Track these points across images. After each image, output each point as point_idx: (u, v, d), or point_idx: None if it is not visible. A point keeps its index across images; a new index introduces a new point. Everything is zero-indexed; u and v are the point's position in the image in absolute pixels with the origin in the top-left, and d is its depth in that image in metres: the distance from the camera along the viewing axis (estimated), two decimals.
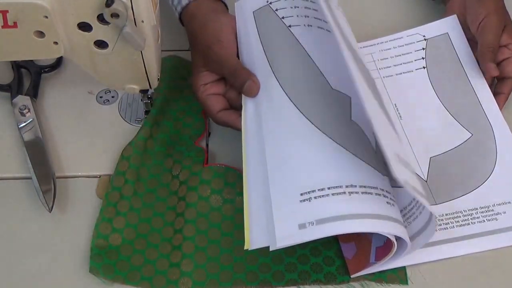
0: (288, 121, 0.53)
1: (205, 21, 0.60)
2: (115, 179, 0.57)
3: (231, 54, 0.58)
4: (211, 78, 0.59)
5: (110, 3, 0.46)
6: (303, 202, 0.47)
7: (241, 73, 0.56)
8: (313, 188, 0.48)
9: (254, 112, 0.55)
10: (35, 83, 0.66)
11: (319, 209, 0.47)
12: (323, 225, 0.46)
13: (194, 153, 0.60)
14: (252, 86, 0.55)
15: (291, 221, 0.47)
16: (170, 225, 0.55)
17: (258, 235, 0.48)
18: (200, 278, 0.52)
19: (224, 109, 0.58)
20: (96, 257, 0.52)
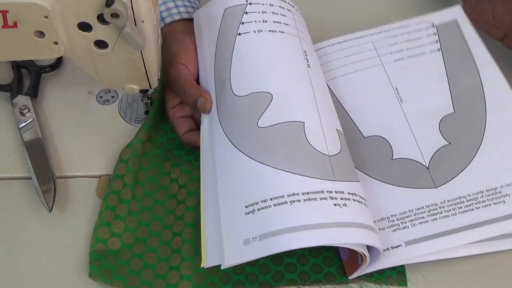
0: (235, 134, 0.52)
1: (170, 45, 0.60)
2: (113, 182, 0.57)
3: (184, 75, 0.58)
4: (177, 101, 0.59)
5: (110, 3, 0.46)
6: (248, 215, 0.47)
7: (191, 91, 0.56)
8: (256, 200, 0.47)
9: (208, 128, 0.55)
10: (35, 83, 0.66)
11: (261, 222, 0.46)
12: (267, 240, 0.45)
13: (194, 157, 0.60)
14: (204, 103, 0.55)
15: (237, 237, 0.46)
16: (169, 228, 0.55)
17: (212, 253, 0.48)
18: (200, 281, 0.52)
19: (191, 130, 0.59)
20: (95, 262, 0.52)
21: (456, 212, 0.52)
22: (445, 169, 0.55)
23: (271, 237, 0.45)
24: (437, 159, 0.56)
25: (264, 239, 0.45)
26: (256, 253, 0.45)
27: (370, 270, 0.51)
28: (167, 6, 0.62)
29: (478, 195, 0.53)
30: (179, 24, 0.62)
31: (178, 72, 0.58)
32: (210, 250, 0.48)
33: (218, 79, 0.56)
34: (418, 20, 0.68)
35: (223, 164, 0.51)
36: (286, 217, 0.45)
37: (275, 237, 0.45)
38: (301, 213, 0.46)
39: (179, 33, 0.61)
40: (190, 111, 0.60)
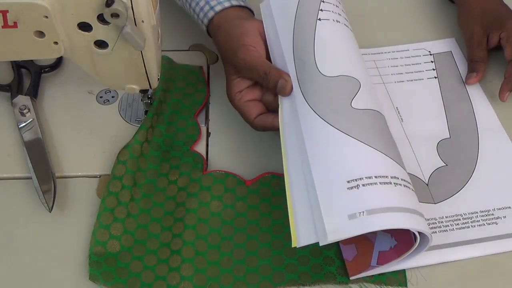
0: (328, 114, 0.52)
1: (229, 29, 0.60)
2: (111, 184, 0.57)
3: (258, 57, 0.57)
4: (245, 84, 0.59)
5: (110, 3, 0.46)
6: (350, 190, 0.46)
7: (271, 73, 0.56)
8: (360, 176, 0.47)
9: (290, 108, 0.54)
10: (35, 83, 0.66)
11: (368, 197, 0.45)
12: (374, 215, 0.44)
13: (192, 159, 0.60)
14: (285, 85, 0.54)
15: (340, 211, 0.45)
16: (168, 230, 0.55)
17: (305, 231, 0.46)
18: (200, 282, 0.52)
19: (261, 114, 0.58)
20: (94, 264, 0.52)
21: (453, 228, 0.55)
22: (443, 188, 0.58)
23: (379, 213, 0.45)
24: (435, 178, 0.59)
25: (372, 215, 0.44)
26: (362, 228, 0.44)
27: (373, 273, 0.51)
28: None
29: (473, 214, 0.56)
30: (230, 11, 0.62)
31: (251, 55, 0.57)
32: (302, 228, 0.47)
33: (299, 60, 0.56)
34: (416, 46, 0.72)
35: (315, 142, 0.50)
36: (392, 196, 0.46)
37: (382, 213, 0.45)
38: (403, 195, 0.47)
39: (234, 18, 0.61)
40: (259, 94, 0.59)
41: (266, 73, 0.56)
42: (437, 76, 0.69)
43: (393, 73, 0.69)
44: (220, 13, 0.62)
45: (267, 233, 0.55)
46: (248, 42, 0.58)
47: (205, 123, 0.65)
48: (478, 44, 0.68)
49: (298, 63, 0.56)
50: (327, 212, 0.46)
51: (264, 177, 0.59)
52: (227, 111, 0.65)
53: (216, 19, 0.62)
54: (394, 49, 0.72)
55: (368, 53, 0.72)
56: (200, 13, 0.63)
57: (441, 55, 0.71)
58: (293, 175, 0.50)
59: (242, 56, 0.57)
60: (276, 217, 0.56)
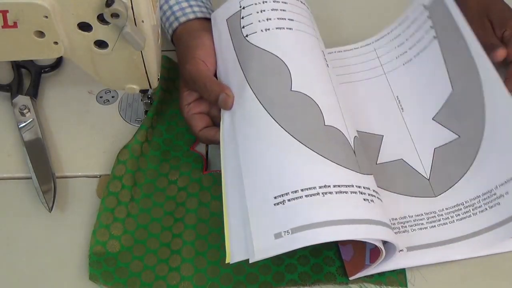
0: (260, 127, 0.52)
1: (186, 41, 0.60)
2: (111, 184, 0.57)
3: (203, 70, 0.57)
4: (193, 97, 0.59)
5: (110, 3, 0.46)
6: (277, 206, 0.46)
7: (213, 87, 0.56)
8: (286, 191, 0.46)
9: (229, 122, 0.55)
10: (35, 83, 0.66)
11: (293, 214, 0.45)
12: (299, 233, 0.44)
13: (192, 159, 0.60)
14: (226, 99, 0.55)
15: (267, 230, 0.45)
16: (168, 230, 0.55)
17: (237, 248, 0.47)
18: (200, 282, 0.52)
19: (207, 127, 0.58)
20: (94, 264, 0.52)
21: (453, 219, 0.53)
22: (444, 178, 0.56)
23: (304, 230, 0.44)
24: (437, 167, 0.57)
25: (297, 233, 0.44)
26: (287, 246, 0.44)
27: (373, 272, 0.51)
28: (181, 6, 0.62)
29: (474, 200, 0.54)
30: (194, 22, 0.62)
31: (197, 68, 0.57)
32: (235, 245, 0.47)
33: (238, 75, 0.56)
34: (412, 8, 0.66)
35: (248, 157, 0.51)
36: (319, 210, 0.45)
37: (308, 230, 0.44)
38: (333, 206, 0.46)
39: (195, 30, 0.61)
40: (206, 108, 0.59)
41: (206, 86, 0.56)
42: (436, 36, 0.63)
43: (398, 55, 0.66)
44: (184, 24, 0.62)
45: None
46: (198, 55, 0.58)
47: None
48: (491, 34, 0.66)
49: (238, 81, 0.56)
50: (255, 230, 0.46)
51: None
52: None
53: (179, 30, 0.62)
54: (396, 25, 0.68)
55: (370, 42, 0.69)
56: (167, 23, 0.63)
57: (437, 4, 0.63)
58: (230, 190, 0.51)
59: (189, 68, 0.57)
60: None
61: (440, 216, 0.54)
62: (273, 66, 0.55)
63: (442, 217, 0.54)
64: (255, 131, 0.51)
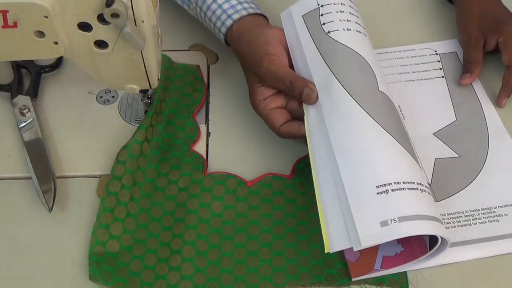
0: (353, 119, 0.52)
1: (250, 38, 0.60)
2: (111, 184, 0.57)
3: (282, 66, 0.57)
4: (270, 92, 0.58)
5: (110, 3, 0.46)
6: (380, 195, 0.47)
7: (297, 83, 0.56)
8: (389, 181, 0.47)
9: (316, 116, 0.54)
10: (35, 83, 0.66)
11: (398, 204, 0.46)
12: (405, 223, 0.45)
13: (192, 159, 0.60)
14: (310, 94, 0.55)
15: (372, 218, 0.46)
16: (168, 230, 0.55)
17: (338, 237, 0.47)
18: (200, 282, 0.52)
19: (286, 121, 0.58)
20: (94, 264, 0.52)
21: (455, 225, 0.55)
22: (445, 186, 0.58)
23: (410, 220, 0.45)
24: (438, 175, 0.59)
25: (403, 222, 0.45)
26: (393, 234, 0.45)
27: (377, 275, 0.51)
28: (231, 3, 0.62)
29: (474, 212, 0.56)
30: (249, 19, 0.62)
31: (275, 64, 0.57)
32: (335, 235, 0.47)
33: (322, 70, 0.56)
34: (423, 46, 0.73)
35: (342, 149, 0.51)
36: (421, 203, 0.47)
37: (413, 221, 0.45)
38: (427, 202, 0.48)
39: (253, 27, 0.61)
40: (283, 102, 0.59)
41: (291, 83, 0.56)
42: (444, 76, 0.69)
43: (400, 72, 0.69)
44: (238, 21, 0.62)
45: (268, 234, 0.55)
46: (271, 52, 0.58)
47: (205, 123, 0.65)
48: (474, 46, 0.68)
49: (321, 74, 0.56)
50: (359, 219, 0.46)
51: (265, 177, 0.59)
52: (227, 111, 0.66)
53: (235, 27, 0.62)
54: (401, 49, 0.73)
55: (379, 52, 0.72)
56: (217, 22, 0.63)
57: (447, 55, 0.72)
58: (323, 182, 0.51)
59: (267, 65, 0.57)
60: (277, 218, 0.56)
61: (442, 220, 0.54)
62: (360, 64, 0.56)
63: (444, 221, 0.55)
64: (348, 124, 0.52)
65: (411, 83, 0.69)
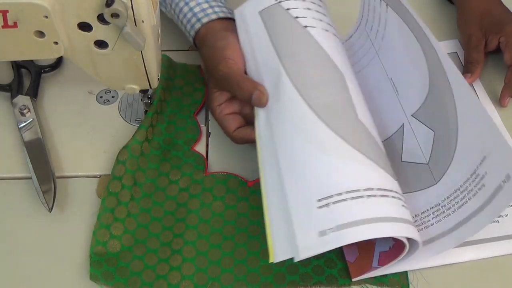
0: (300, 123, 0.51)
1: (213, 42, 0.60)
2: (111, 184, 0.56)
3: (235, 69, 0.57)
4: (224, 98, 0.59)
5: (110, 3, 0.46)
6: (321, 209, 0.46)
7: (246, 85, 0.55)
8: (330, 194, 0.46)
9: (265, 120, 0.54)
10: (35, 83, 0.66)
11: (338, 214, 0.45)
12: (343, 231, 0.44)
13: (193, 159, 0.60)
14: (260, 96, 0.54)
15: (311, 229, 0.45)
16: (169, 230, 0.55)
17: (281, 247, 0.47)
18: (201, 281, 0.52)
19: (240, 126, 0.58)
20: (95, 264, 0.52)
21: (455, 208, 0.53)
22: (439, 161, 0.56)
23: (348, 227, 0.45)
24: (434, 152, 0.57)
25: (341, 230, 0.45)
26: (332, 244, 0.45)
27: (376, 275, 0.51)
28: (202, 7, 0.62)
29: (466, 184, 0.53)
30: (217, 23, 0.62)
31: (229, 67, 0.57)
32: (278, 244, 0.47)
33: (274, 71, 0.55)
34: None
35: (288, 156, 0.50)
36: (363, 209, 0.46)
37: (352, 228, 0.45)
38: (377, 206, 0.46)
39: (219, 30, 0.61)
40: (238, 108, 0.59)
41: (240, 85, 0.56)
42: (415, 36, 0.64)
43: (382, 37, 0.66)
44: (207, 25, 0.62)
45: None
46: (228, 56, 0.58)
47: (205, 123, 0.65)
48: (475, 46, 0.68)
49: (272, 76, 0.55)
50: (299, 229, 0.46)
51: None
52: None
53: (202, 31, 0.62)
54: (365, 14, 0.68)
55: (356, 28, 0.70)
56: (187, 25, 0.63)
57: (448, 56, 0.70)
58: (271, 190, 0.50)
59: (222, 69, 0.57)
60: None
61: (444, 207, 0.53)
62: (324, 62, 0.55)
63: (445, 207, 0.53)
64: (295, 128, 0.51)
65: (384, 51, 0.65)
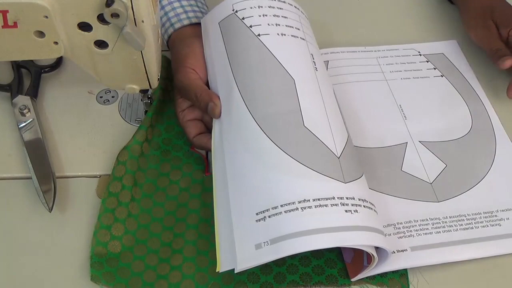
0: (244, 134, 0.52)
1: (179, 48, 0.60)
2: (111, 185, 0.57)
3: (193, 79, 0.58)
4: (186, 104, 0.59)
5: (110, 3, 0.46)
6: (258, 222, 0.47)
7: (202, 96, 0.56)
8: (267, 207, 0.47)
9: (219, 130, 0.55)
10: (35, 83, 0.66)
11: (272, 228, 0.46)
12: (278, 244, 0.45)
13: (193, 160, 0.60)
14: (214, 108, 0.55)
15: (248, 242, 0.46)
16: (170, 230, 0.55)
17: (226, 257, 0.48)
18: (202, 281, 0.52)
19: (201, 133, 0.59)
20: (96, 265, 0.52)
21: (457, 228, 0.54)
22: (447, 188, 0.58)
23: (282, 241, 0.45)
24: (441, 178, 0.59)
25: (276, 243, 0.45)
26: (267, 256, 0.45)
27: (374, 273, 0.51)
28: (176, 11, 0.62)
29: (476, 215, 0.56)
30: (188, 29, 0.62)
31: (187, 77, 0.58)
32: (224, 255, 0.48)
33: (227, 83, 0.56)
34: (404, 46, 0.73)
35: (233, 168, 0.51)
36: (297, 222, 0.46)
37: (286, 240, 0.45)
38: (312, 218, 0.46)
39: (187, 37, 0.61)
40: (199, 114, 0.59)
41: (196, 95, 0.56)
42: (443, 75, 0.69)
43: (392, 71, 0.69)
44: (178, 30, 0.62)
45: None
46: (188, 64, 0.58)
47: None
48: (496, 36, 0.67)
49: (226, 87, 0.55)
50: (239, 242, 0.47)
51: None
52: None
53: (173, 36, 0.62)
54: (384, 48, 0.72)
55: (372, 50, 0.72)
56: (162, 29, 0.63)
57: (434, 56, 0.71)
58: (220, 203, 0.51)
59: (180, 77, 0.58)
60: None
61: (445, 223, 0.55)
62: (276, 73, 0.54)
63: (446, 224, 0.55)
64: (240, 140, 0.52)
65: (406, 81, 0.68)
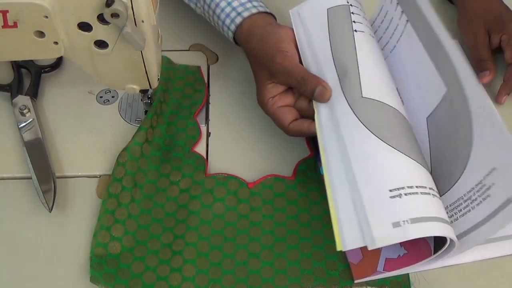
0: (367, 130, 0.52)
1: (263, 35, 0.60)
2: (111, 186, 0.57)
3: (295, 63, 0.57)
4: (278, 90, 0.58)
5: (110, 3, 0.46)
6: (393, 199, 0.47)
7: (310, 80, 0.55)
8: (402, 185, 0.48)
9: (328, 115, 0.54)
10: (35, 83, 0.66)
11: (411, 206, 0.47)
12: (416, 224, 0.46)
13: (193, 160, 0.60)
14: (323, 92, 0.55)
15: (385, 219, 0.46)
16: (170, 231, 0.55)
17: (351, 236, 0.47)
18: (202, 283, 0.52)
19: (295, 119, 0.58)
20: (96, 266, 0.52)
21: (457, 216, 0.53)
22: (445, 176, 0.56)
23: (421, 222, 0.46)
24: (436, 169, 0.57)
25: (415, 223, 0.46)
26: (405, 235, 0.46)
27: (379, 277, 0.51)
28: (240, 1, 0.62)
29: (470, 193, 0.53)
30: (259, 17, 0.62)
31: (288, 60, 0.57)
32: (348, 234, 0.48)
33: (341, 68, 0.56)
34: None
35: (358, 150, 0.51)
36: (432, 206, 0.48)
37: (425, 222, 0.46)
38: (437, 206, 0.49)
39: (264, 24, 0.61)
40: (292, 100, 0.59)
41: (304, 79, 0.56)
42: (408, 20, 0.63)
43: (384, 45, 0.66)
44: (248, 19, 0.61)
45: (269, 235, 0.55)
46: (284, 48, 0.58)
47: (205, 124, 0.65)
48: (483, 43, 0.68)
49: (341, 72, 0.55)
50: (373, 220, 0.47)
51: (266, 179, 0.59)
52: (227, 111, 0.65)
53: (246, 25, 0.61)
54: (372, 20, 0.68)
55: None
56: (227, 20, 0.63)
57: None
58: (336, 181, 0.51)
59: (280, 61, 0.57)
60: (279, 220, 0.56)
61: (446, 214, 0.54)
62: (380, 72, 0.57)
63: (447, 214, 0.53)
64: (364, 131, 0.52)
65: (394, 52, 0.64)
